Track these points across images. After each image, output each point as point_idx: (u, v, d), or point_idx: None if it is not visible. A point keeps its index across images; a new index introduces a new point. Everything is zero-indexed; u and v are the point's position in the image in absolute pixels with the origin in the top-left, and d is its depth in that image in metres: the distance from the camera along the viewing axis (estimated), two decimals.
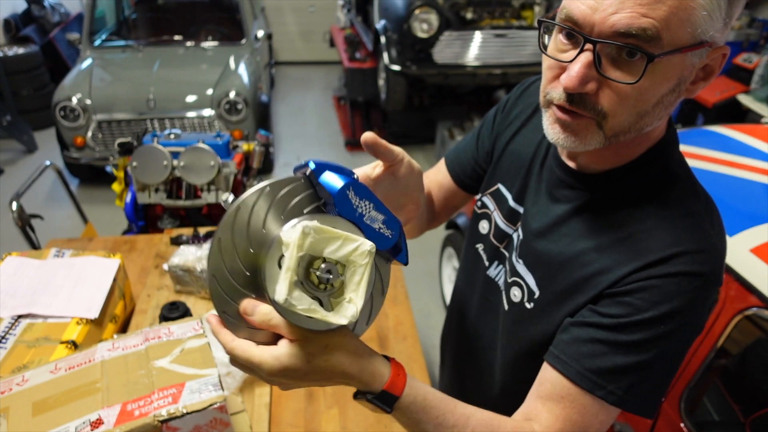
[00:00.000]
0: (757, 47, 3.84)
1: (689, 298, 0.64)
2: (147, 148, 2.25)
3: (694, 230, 0.66)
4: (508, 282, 0.82)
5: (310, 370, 0.56)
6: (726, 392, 1.78)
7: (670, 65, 0.58)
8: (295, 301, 0.53)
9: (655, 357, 0.65)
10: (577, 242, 0.71)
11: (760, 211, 1.39)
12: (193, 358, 1.02)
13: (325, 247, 0.54)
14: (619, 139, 0.64)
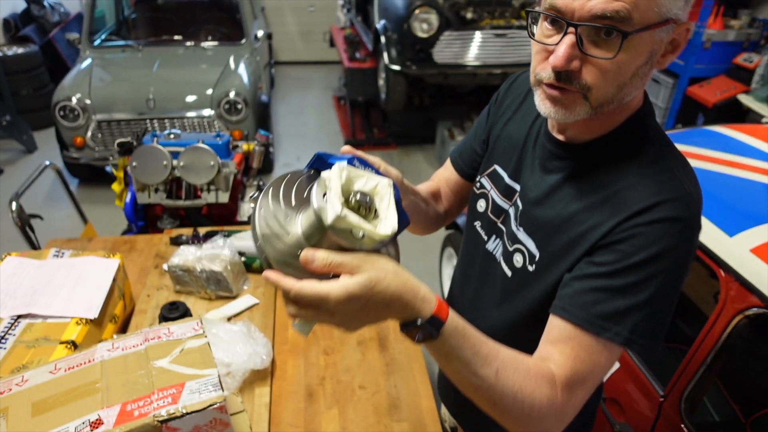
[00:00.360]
0: (757, 47, 3.84)
1: (674, 241, 0.71)
2: (147, 148, 2.25)
3: (671, 182, 0.73)
4: (509, 251, 0.89)
5: (372, 295, 0.62)
6: (726, 392, 1.78)
7: (642, 41, 0.67)
8: (346, 214, 0.61)
9: (650, 297, 0.72)
10: (570, 205, 0.79)
11: (760, 211, 1.39)
12: (193, 358, 1.02)
13: (355, 182, 0.66)
14: (604, 109, 0.73)
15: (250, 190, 2.60)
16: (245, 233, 1.79)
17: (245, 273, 1.68)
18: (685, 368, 1.36)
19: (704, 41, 3.82)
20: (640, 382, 1.48)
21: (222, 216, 2.50)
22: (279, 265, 0.64)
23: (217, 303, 1.59)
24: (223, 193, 2.35)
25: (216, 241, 1.65)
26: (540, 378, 0.71)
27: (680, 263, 0.73)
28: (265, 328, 1.50)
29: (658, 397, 1.42)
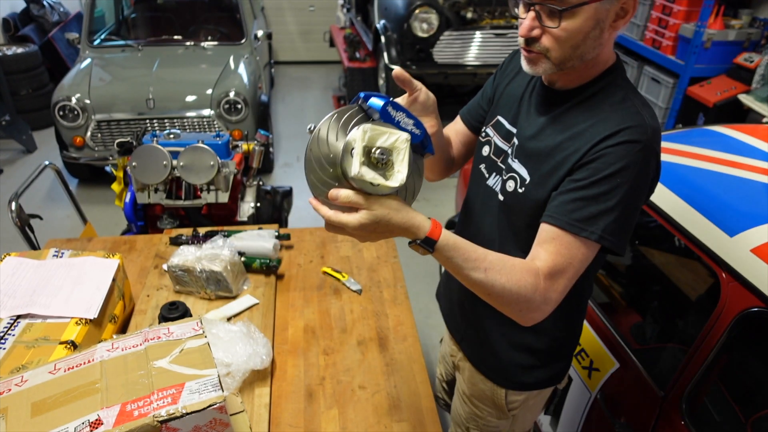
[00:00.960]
0: (758, 47, 3.84)
1: (634, 158, 0.90)
2: (146, 147, 2.25)
3: (633, 114, 0.93)
4: (504, 179, 1.09)
5: (378, 224, 0.86)
6: (727, 393, 1.78)
7: (584, 12, 0.87)
8: (364, 173, 0.83)
9: (616, 203, 0.90)
10: (556, 137, 0.99)
11: (760, 211, 1.38)
12: (193, 358, 1.02)
13: (377, 140, 0.84)
14: (567, 65, 0.94)
15: (250, 190, 2.60)
16: (245, 233, 1.79)
17: (245, 273, 1.68)
18: (685, 368, 1.36)
19: (704, 41, 3.82)
20: (640, 382, 1.48)
21: (222, 216, 2.50)
22: (316, 190, 0.88)
23: (217, 303, 1.59)
24: (222, 193, 2.35)
25: (216, 241, 1.65)
26: (524, 271, 0.92)
27: (639, 177, 0.91)
28: (264, 328, 1.50)
29: (658, 396, 1.42)
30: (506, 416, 1.28)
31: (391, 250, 1.88)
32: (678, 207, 1.48)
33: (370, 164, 0.84)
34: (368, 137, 0.83)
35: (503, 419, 1.29)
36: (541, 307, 0.94)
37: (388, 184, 0.84)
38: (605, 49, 0.95)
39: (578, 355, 1.69)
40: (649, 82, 4.41)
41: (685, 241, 1.43)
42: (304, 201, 3.98)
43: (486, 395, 1.27)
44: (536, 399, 1.28)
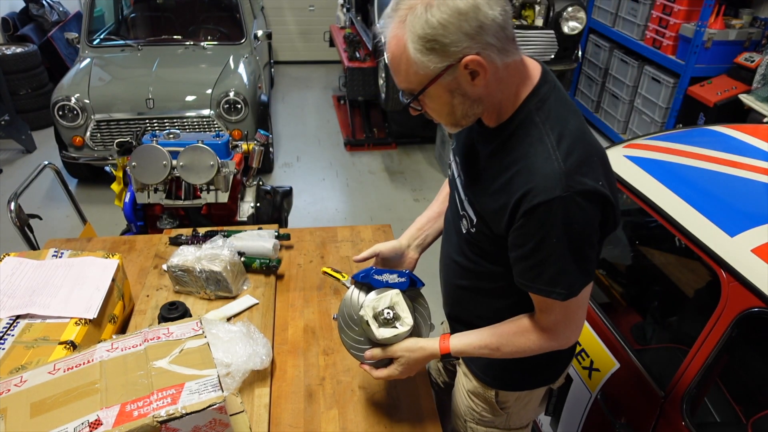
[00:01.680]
0: (758, 46, 3.83)
1: (552, 219, 0.90)
2: (146, 147, 2.24)
3: (544, 165, 0.91)
4: (460, 215, 1.15)
5: (406, 366, 1.15)
6: (728, 393, 1.78)
7: (434, 92, 0.93)
8: (384, 333, 1.13)
9: (566, 258, 0.93)
10: (491, 187, 1.01)
11: (761, 211, 1.38)
12: (193, 358, 1.02)
13: (378, 306, 1.14)
14: (462, 124, 1.00)
15: (250, 190, 2.59)
16: (245, 233, 1.78)
17: (245, 273, 1.67)
18: (686, 368, 1.36)
19: (705, 41, 3.82)
20: (640, 381, 1.48)
21: (221, 216, 2.50)
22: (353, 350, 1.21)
23: (217, 303, 1.59)
24: (222, 193, 2.35)
25: (215, 241, 1.65)
26: (525, 332, 1.06)
27: (572, 226, 0.91)
28: (264, 329, 1.50)
29: (659, 397, 1.42)
30: (500, 413, 1.31)
31: None
32: (678, 207, 1.48)
33: (385, 324, 1.14)
34: (372, 308, 1.13)
35: (498, 416, 1.31)
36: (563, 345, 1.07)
37: (401, 331, 1.13)
38: (502, 93, 0.96)
39: (578, 356, 1.69)
40: (649, 82, 4.41)
41: (686, 241, 1.43)
42: (304, 201, 3.98)
43: (479, 392, 1.30)
44: (530, 397, 1.30)
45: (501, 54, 0.89)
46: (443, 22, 0.85)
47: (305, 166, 4.52)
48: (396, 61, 0.92)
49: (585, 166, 0.91)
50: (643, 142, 1.83)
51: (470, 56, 0.87)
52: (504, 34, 0.88)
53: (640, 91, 4.52)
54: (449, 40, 0.86)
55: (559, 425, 1.78)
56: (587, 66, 5.29)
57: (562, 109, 0.97)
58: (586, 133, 0.97)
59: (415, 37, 0.87)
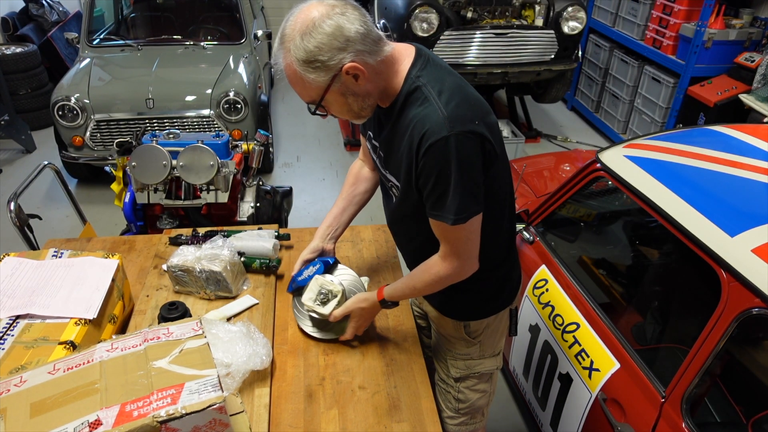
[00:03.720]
0: (759, 46, 3.83)
1: (444, 155, 1.10)
2: (146, 147, 2.24)
3: (431, 115, 1.11)
4: (387, 186, 1.36)
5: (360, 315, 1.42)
6: (728, 393, 1.78)
7: (330, 98, 1.16)
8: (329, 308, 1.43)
9: (454, 189, 1.12)
10: (398, 150, 1.21)
11: (761, 211, 1.38)
12: (193, 358, 1.02)
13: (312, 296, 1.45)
14: (363, 115, 1.23)
15: (250, 190, 2.59)
16: (245, 233, 1.78)
17: (245, 273, 1.67)
18: (686, 369, 1.36)
19: (705, 41, 3.81)
20: (641, 382, 1.48)
21: (221, 216, 2.50)
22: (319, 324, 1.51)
23: (217, 303, 1.59)
24: (222, 193, 2.35)
25: (215, 241, 1.65)
26: (429, 269, 1.29)
27: (461, 160, 1.10)
28: (264, 329, 1.50)
29: (659, 397, 1.42)
30: (473, 343, 1.48)
31: (391, 250, 1.87)
32: (678, 207, 1.48)
33: (326, 302, 1.43)
34: (309, 300, 1.44)
35: (472, 346, 1.48)
36: (461, 274, 1.27)
37: (338, 298, 1.43)
38: (384, 81, 1.17)
39: (578, 356, 1.69)
40: (649, 82, 4.41)
41: (686, 241, 1.43)
42: (304, 201, 3.98)
43: (451, 329, 1.48)
44: (495, 323, 1.47)
45: (372, 55, 1.11)
46: (318, 45, 1.06)
47: (305, 166, 4.52)
48: (294, 82, 1.14)
49: (462, 111, 1.12)
50: (643, 142, 1.83)
51: (347, 64, 1.09)
52: (370, 39, 1.10)
53: (640, 91, 4.52)
54: (326, 57, 1.07)
55: (559, 425, 1.78)
56: (587, 66, 5.29)
57: (438, 72, 1.18)
58: (461, 86, 1.18)
59: (300, 63, 1.09)
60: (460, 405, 1.56)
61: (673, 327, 2.04)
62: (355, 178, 1.59)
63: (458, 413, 1.58)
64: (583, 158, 2.91)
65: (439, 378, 1.58)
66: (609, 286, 2.18)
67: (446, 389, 1.56)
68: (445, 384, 1.56)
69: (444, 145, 1.09)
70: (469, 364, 1.51)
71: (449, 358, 1.52)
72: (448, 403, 1.58)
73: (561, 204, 2.00)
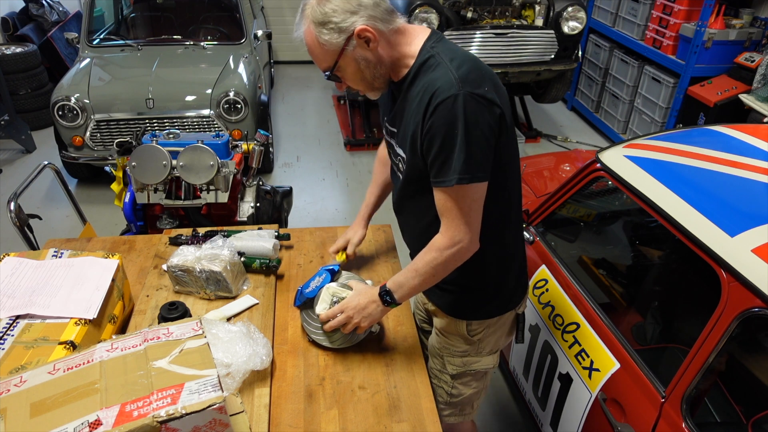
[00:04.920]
0: (759, 46, 3.83)
1: (453, 112, 1.13)
2: (146, 147, 2.24)
3: (442, 76, 1.16)
4: (396, 161, 1.39)
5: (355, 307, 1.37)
6: (728, 393, 1.78)
7: (343, 64, 1.22)
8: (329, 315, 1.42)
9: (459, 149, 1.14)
10: (408, 118, 1.24)
11: (761, 211, 1.38)
12: (193, 358, 1.02)
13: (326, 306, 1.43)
14: (376, 86, 1.28)
15: (250, 190, 2.59)
16: (245, 233, 1.78)
17: (245, 273, 1.67)
18: (686, 369, 1.36)
19: (705, 41, 3.81)
20: (641, 382, 1.48)
21: (221, 216, 2.50)
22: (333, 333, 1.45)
23: (217, 303, 1.59)
24: (222, 193, 2.34)
25: (215, 241, 1.65)
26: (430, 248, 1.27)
27: (468, 121, 1.13)
28: (264, 329, 1.50)
29: (659, 397, 1.42)
30: (472, 342, 1.49)
31: (390, 250, 1.87)
32: (678, 207, 1.48)
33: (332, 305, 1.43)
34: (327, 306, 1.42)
35: (471, 345, 1.50)
36: (462, 249, 1.25)
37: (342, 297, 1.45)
38: (397, 51, 1.23)
39: (578, 356, 1.69)
40: (649, 82, 4.41)
41: (686, 241, 1.43)
42: (304, 201, 3.98)
43: (452, 328, 1.48)
44: (497, 324, 1.48)
45: (384, 22, 1.19)
46: (332, 8, 1.16)
47: (305, 166, 4.52)
48: (312, 48, 1.22)
49: (473, 75, 1.15)
50: (643, 142, 1.83)
51: (359, 26, 1.16)
52: (381, 8, 1.18)
53: (640, 91, 4.52)
54: (340, 19, 1.16)
55: (559, 425, 1.78)
56: (587, 66, 5.29)
57: (452, 45, 1.24)
58: (474, 58, 1.22)
59: (316, 25, 1.18)
60: (452, 399, 1.58)
61: (673, 327, 2.04)
62: (383, 163, 1.66)
63: (449, 405, 1.60)
64: (583, 158, 2.90)
65: (433, 373, 1.58)
66: (609, 286, 2.18)
67: (439, 383, 1.57)
68: (438, 379, 1.57)
69: (452, 103, 1.12)
70: (467, 362, 1.52)
71: (446, 354, 1.53)
72: (439, 396, 1.59)
73: (561, 204, 2.00)
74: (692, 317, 2.01)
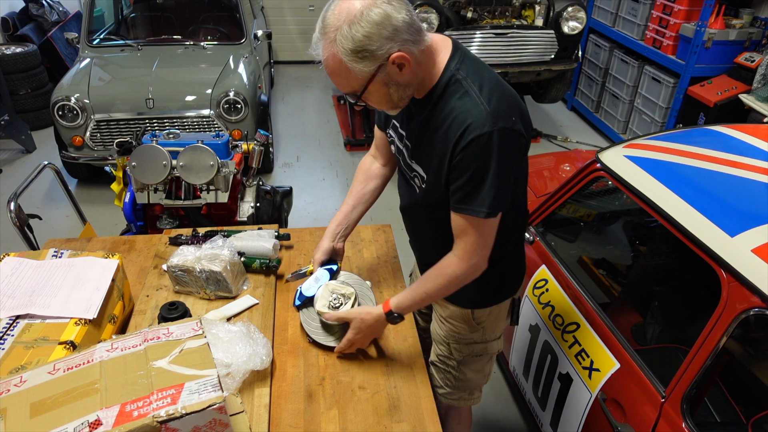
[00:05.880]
0: (759, 46, 3.83)
1: (486, 150, 1.12)
2: (146, 147, 2.24)
3: (473, 108, 1.13)
4: (410, 176, 1.37)
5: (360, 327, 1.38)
6: (728, 393, 1.78)
7: (372, 89, 1.15)
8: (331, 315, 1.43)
9: (490, 184, 1.15)
10: (432, 141, 1.22)
11: (761, 211, 1.38)
12: (193, 358, 1.02)
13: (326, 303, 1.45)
14: (400, 105, 1.22)
15: (250, 190, 2.59)
16: (245, 233, 1.78)
17: (245, 273, 1.67)
18: (686, 369, 1.36)
19: (705, 41, 3.81)
20: (641, 382, 1.48)
21: (221, 216, 2.50)
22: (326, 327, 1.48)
23: (217, 303, 1.59)
24: (222, 193, 2.34)
25: (215, 241, 1.65)
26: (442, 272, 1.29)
27: (500, 156, 1.13)
28: (264, 329, 1.50)
29: (659, 397, 1.42)
30: (477, 329, 1.51)
31: (390, 250, 1.87)
32: (678, 207, 1.48)
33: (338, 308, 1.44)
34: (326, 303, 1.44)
35: (476, 332, 1.52)
36: (475, 273, 1.28)
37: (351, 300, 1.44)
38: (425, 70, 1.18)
39: (578, 356, 1.69)
40: (649, 82, 4.41)
41: (686, 241, 1.43)
42: (304, 201, 3.98)
43: (458, 315, 1.50)
44: (498, 310, 1.52)
45: (416, 44, 1.12)
46: (367, 35, 1.06)
47: (305, 166, 4.52)
48: (336, 73, 1.13)
49: (504, 107, 1.15)
50: (643, 142, 1.83)
51: (395, 53, 1.09)
52: (414, 29, 1.10)
53: (640, 91, 4.52)
54: (375, 47, 1.07)
55: (559, 425, 1.78)
56: (587, 66, 5.29)
57: (476, 65, 1.21)
58: (500, 81, 1.21)
59: (348, 52, 1.08)
60: (459, 383, 1.61)
61: (673, 327, 2.04)
62: (366, 176, 1.59)
63: (456, 389, 1.63)
64: (583, 158, 2.90)
65: (439, 359, 1.61)
66: (609, 286, 2.18)
67: (446, 369, 1.60)
68: (445, 365, 1.60)
69: (487, 140, 1.11)
70: (474, 349, 1.55)
71: (452, 342, 1.55)
72: (446, 381, 1.62)
73: (561, 204, 2.00)
74: (692, 317, 2.01)
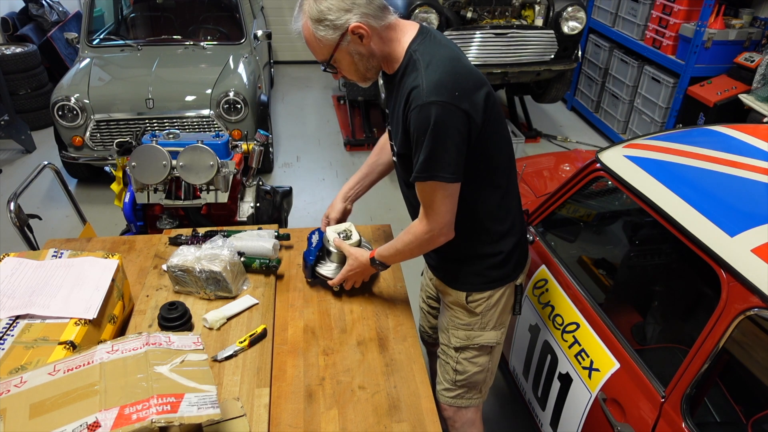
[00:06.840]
0: (758, 46, 3.83)
1: (424, 120, 1.23)
2: (146, 147, 2.24)
3: (415, 82, 1.25)
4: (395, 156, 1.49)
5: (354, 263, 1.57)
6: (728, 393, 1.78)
7: (338, 57, 1.32)
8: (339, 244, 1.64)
9: (431, 150, 1.25)
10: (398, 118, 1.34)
11: (761, 211, 1.38)
12: (193, 372, 1.02)
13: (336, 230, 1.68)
14: (368, 76, 1.38)
15: (250, 190, 2.59)
16: (245, 233, 1.78)
17: (244, 273, 1.67)
18: (686, 369, 1.35)
19: (705, 41, 3.81)
20: (640, 382, 1.48)
21: (221, 216, 2.49)
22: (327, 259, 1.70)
23: (217, 303, 1.59)
24: (222, 193, 2.34)
25: (215, 241, 1.65)
26: (409, 230, 1.43)
27: (435, 128, 1.22)
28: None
29: (659, 397, 1.41)
30: (475, 315, 1.55)
31: None
32: (678, 207, 1.48)
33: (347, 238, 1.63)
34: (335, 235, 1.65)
35: (473, 317, 1.56)
36: (434, 237, 1.39)
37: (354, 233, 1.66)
38: (389, 46, 1.32)
39: (578, 356, 1.69)
40: (649, 82, 4.41)
41: (686, 241, 1.43)
42: (304, 201, 3.98)
43: (453, 299, 1.57)
44: (497, 296, 1.55)
45: (376, 19, 1.26)
46: (327, 6, 1.24)
47: (305, 166, 4.52)
48: (309, 42, 1.32)
49: (447, 83, 1.23)
50: (643, 142, 1.83)
51: (353, 24, 1.24)
52: (374, 4, 1.26)
53: (640, 91, 4.52)
54: (334, 17, 1.24)
55: (558, 425, 1.78)
56: (587, 66, 5.29)
57: (435, 46, 1.30)
58: (452, 59, 1.28)
59: (312, 21, 1.27)
60: (457, 377, 1.63)
61: (673, 327, 2.04)
62: (381, 149, 1.76)
63: (455, 385, 1.65)
64: (583, 158, 2.90)
65: (440, 349, 1.66)
66: (609, 286, 2.18)
67: (446, 360, 1.64)
68: (445, 354, 1.64)
69: (422, 111, 1.22)
70: (470, 335, 1.57)
71: (451, 327, 1.60)
72: (446, 374, 1.65)
73: (561, 204, 2.00)
74: (692, 317, 2.01)
